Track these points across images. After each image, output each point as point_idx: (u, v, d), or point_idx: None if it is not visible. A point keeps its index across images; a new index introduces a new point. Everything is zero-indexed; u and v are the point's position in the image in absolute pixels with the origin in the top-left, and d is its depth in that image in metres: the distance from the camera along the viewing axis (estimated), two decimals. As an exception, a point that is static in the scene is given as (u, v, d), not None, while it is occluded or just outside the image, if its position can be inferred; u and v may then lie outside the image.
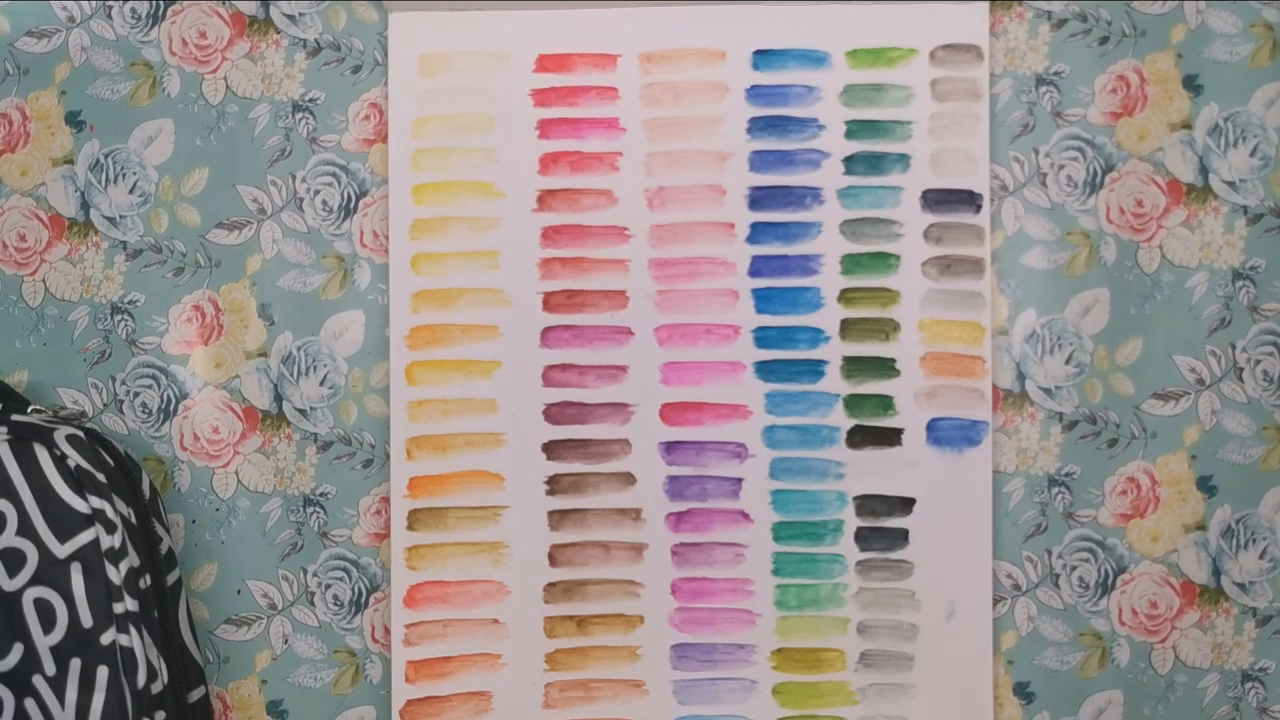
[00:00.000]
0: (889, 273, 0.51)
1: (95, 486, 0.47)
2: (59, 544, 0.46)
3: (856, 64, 0.52)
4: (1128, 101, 0.52)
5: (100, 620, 0.46)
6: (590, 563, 0.51)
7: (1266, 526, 0.51)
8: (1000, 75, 0.52)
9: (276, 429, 0.53)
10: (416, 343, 0.52)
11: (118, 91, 0.53)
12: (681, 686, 0.51)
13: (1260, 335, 0.51)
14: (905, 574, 0.51)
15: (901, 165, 0.51)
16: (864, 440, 0.51)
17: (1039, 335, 0.52)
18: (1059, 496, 0.51)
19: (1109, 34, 0.52)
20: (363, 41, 0.53)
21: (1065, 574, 0.51)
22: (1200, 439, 0.51)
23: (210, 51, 0.53)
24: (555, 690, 0.51)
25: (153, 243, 0.53)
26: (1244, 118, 0.51)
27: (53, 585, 0.46)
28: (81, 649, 0.46)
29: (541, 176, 0.52)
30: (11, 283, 0.53)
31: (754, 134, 0.51)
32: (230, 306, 0.53)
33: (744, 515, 0.51)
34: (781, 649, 0.51)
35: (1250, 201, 0.51)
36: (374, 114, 0.53)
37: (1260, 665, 0.51)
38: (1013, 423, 0.52)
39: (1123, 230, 0.52)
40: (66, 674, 0.46)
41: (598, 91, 0.52)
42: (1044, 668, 0.51)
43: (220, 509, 0.53)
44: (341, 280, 0.53)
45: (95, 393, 0.53)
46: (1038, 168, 0.52)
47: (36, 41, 0.53)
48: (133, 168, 0.53)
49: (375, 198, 0.53)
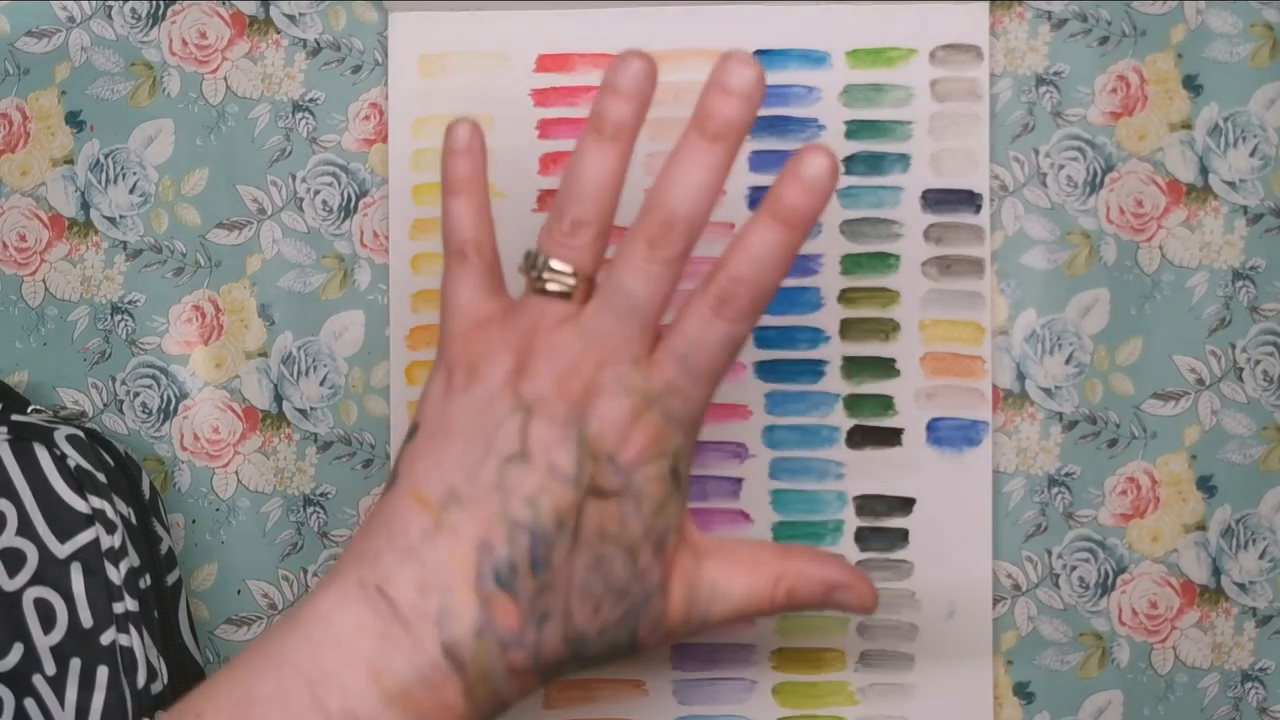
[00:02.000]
0: (889, 273, 0.51)
1: (95, 486, 0.47)
2: (59, 544, 0.46)
3: (856, 64, 0.52)
4: (1128, 101, 0.52)
5: (100, 620, 0.46)
6: (590, 563, 0.51)
7: (1266, 526, 0.51)
8: (1000, 75, 0.52)
9: (276, 429, 0.53)
10: (416, 343, 0.52)
11: (118, 91, 0.53)
12: (681, 686, 0.51)
13: (1260, 335, 0.51)
14: (905, 574, 0.51)
15: (901, 165, 0.51)
16: (864, 440, 0.51)
17: (1039, 335, 0.52)
18: (1059, 496, 0.51)
19: (1109, 34, 0.52)
20: (363, 41, 0.53)
21: (1065, 574, 0.51)
22: (1200, 439, 0.51)
23: (210, 51, 0.53)
24: (555, 690, 0.51)
25: (153, 243, 0.53)
26: (1244, 118, 0.51)
27: (53, 585, 0.46)
28: (81, 649, 0.46)
29: (541, 176, 0.52)
30: (11, 283, 0.53)
31: (754, 134, 0.51)
32: (230, 306, 0.53)
33: (744, 515, 0.52)
34: (781, 649, 0.51)
35: (1250, 201, 0.51)
36: (374, 114, 0.53)
37: (1260, 665, 0.51)
38: (1013, 423, 0.52)
39: (1123, 230, 0.52)
40: (66, 674, 0.46)
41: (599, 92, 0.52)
42: (1044, 668, 0.51)
43: (220, 509, 0.53)
44: (341, 280, 0.53)
45: (95, 393, 0.53)
46: (1038, 168, 0.52)
47: (36, 41, 0.53)
48: (133, 168, 0.53)
49: (375, 198, 0.53)
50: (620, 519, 0.35)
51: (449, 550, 0.35)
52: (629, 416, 0.35)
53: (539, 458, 0.35)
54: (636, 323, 0.36)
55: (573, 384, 0.35)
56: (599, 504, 0.35)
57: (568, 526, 0.35)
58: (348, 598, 0.35)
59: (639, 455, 0.36)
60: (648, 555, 0.36)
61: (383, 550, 0.35)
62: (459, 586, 0.34)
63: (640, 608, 0.36)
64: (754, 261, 0.36)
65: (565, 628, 0.35)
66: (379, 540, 0.35)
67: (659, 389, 0.36)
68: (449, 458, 0.35)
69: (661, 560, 0.36)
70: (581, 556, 0.35)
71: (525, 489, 0.35)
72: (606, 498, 0.35)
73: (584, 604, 0.35)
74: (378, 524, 0.36)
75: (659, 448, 0.36)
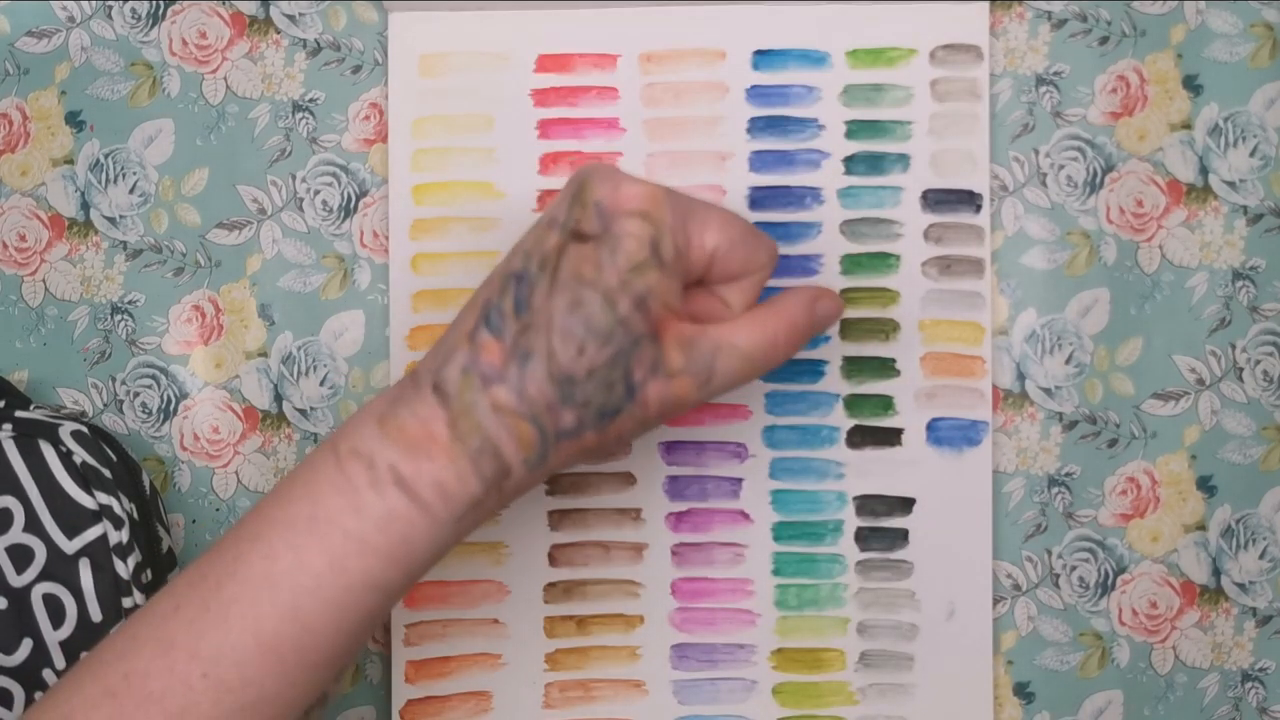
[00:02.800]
0: (889, 273, 0.51)
1: (102, 482, 0.47)
2: (67, 540, 0.46)
3: (856, 64, 0.51)
4: (1128, 101, 0.52)
5: (110, 615, 0.46)
6: (590, 563, 0.51)
7: (1266, 526, 0.51)
8: (1000, 75, 0.52)
9: (277, 429, 0.53)
10: (416, 343, 0.52)
11: (118, 91, 0.53)
12: (681, 686, 0.51)
13: (1260, 335, 0.51)
14: (905, 574, 0.51)
15: (901, 165, 0.51)
16: (864, 440, 0.51)
17: (1039, 335, 0.52)
18: (1059, 496, 0.51)
19: (1109, 34, 0.52)
20: (363, 41, 0.53)
21: (1065, 574, 0.51)
22: (1200, 439, 0.51)
23: (210, 51, 0.53)
24: (555, 690, 0.51)
25: (153, 243, 0.53)
26: (1244, 118, 0.51)
27: (61, 581, 0.46)
28: (91, 643, 0.46)
29: (541, 176, 0.52)
30: (11, 283, 0.53)
31: (754, 134, 0.51)
32: (230, 306, 0.53)
33: (744, 515, 0.51)
34: (781, 649, 0.51)
35: (1250, 201, 0.51)
36: (374, 114, 0.53)
37: (1260, 665, 0.51)
38: (1013, 423, 0.52)
39: (1123, 230, 0.52)
40: None
41: (598, 92, 0.52)
42: (1044, 668, 0.51)
43: (220, 509, 0.53)
44: (341, 280, 0.53)
45: (95, 393, 0.53)
46: (1038, 168, 0.52)
47: (36, 41, 0.53)
48: (133, 168, 0.53)
49: (375, 198, 0.53)
50: (596, 264, 0.38)
51: (464, 316, 0.39)
52: (629, 179, 0.39)
53: (548, 215, 0.39)
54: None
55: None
56: (578, 247, 0.38)
57: (548, 267, 0.38)
58: (402, 384, 0.39)
59: (623, 205, 0.38)
60: (627, 306, 0.38)
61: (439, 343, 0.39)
62: (460, 341, 0.38)
63: (630, 350, 0.38)
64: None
65: (549, 365, 0.37)
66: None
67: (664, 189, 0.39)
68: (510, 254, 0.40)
69: (645, 315, 0.38)
70: (560, 298, 0.37)
71: (526, 244, 0.39)
72: (585, 241, 0.38)
73: (567, 344, 0.37)
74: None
75: (645, 209, 0.38)
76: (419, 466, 0.37)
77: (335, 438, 0.38)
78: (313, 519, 0.37)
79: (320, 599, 0.36)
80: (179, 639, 0.37)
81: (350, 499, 0.37)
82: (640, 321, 0.38)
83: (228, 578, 0.37)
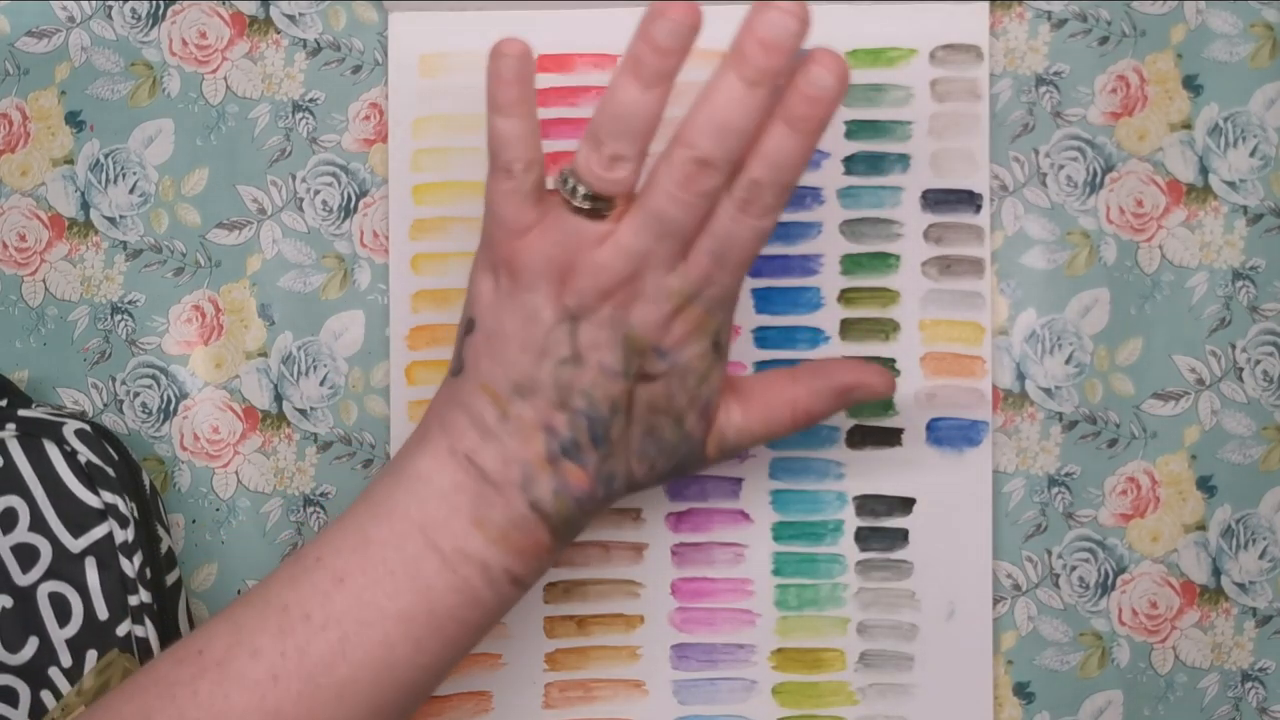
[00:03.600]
0: (889, 273, 0.51)
1: (106, 481, 0.47)
2: (72, 539, 0.46)
3: (856, 64, 0.51)
4: (1128, 101, 0.52)
5: (116, 612, 0.46)
6: (590, 563, 0.51)
7: (1266, 526, 0.51)
8: (1000, 75, 0.52)
9: (276, 429, 0.53)
10: (416, 343, 0.52)
11: (118, 91, 0.53)
12: (681, 686, 0.51)
13: (1260, 335, 0.51)
14: (905, 574, 0.51)
15: (901, 165, 0.51)
16: (864, 440, 0.51)
17: (1039, 335, 0.52)
18: (1059, 496, 0.51)
19: (1109, 34, 0.52)
20: (363, 41, 0.53)
21: (1065, 574, 0.51)
22: (1200, 439, 0.51)
23: (210, 51, 0.53)
24: (555, 690, 0.51)
25: (153, 243, 0.53)
26: (1244, 118, 0.51)
27: (67, 580, 0.46)
28: (97, 641, 0.46)
29: (541, 176, 0.52)
30: (11, 283, 0.53)
31: (754, 134, 0.51)
32: (230, 306, 0.53)
33: (744, 515, 0.52)
34: (781, 649, 0.51)
35: (1250, 201, 0.51)
36: (374, 114, 0.53)
37: (1260, 665, 0.51)
38: (1013, 423, 0.52)
39: (1123, 230, 0.52)
40: (83, 666, 0.46)
41: (598, 92, 0.52)
42: (1044, 668, 0.51)
43: (220, 509, 0.53)
44: (342, 280, 0.53)
45: (95, 393, 0.53)
46: (1038, 168, 0.52)
47: (36, 41, 0.53)
48: (133, 168, 0.53)
49: (375, 198, 0.53)
50: (668, 395, 0.40)
51: (520, 434, 0.39)
52: (669, 315, 0.39)
53: (589, 358, 0.39)
54: (674, 241, 0.38)
55: (615, 295, 0.39)
56: (648, 386, 0.40)
57: (621, 408, 0.39)
58: (443, 461, 0.39)
59: (681, 340, 0.40)
60: (694, 418, 0.41)
61: (465, 427, 0.39)
62: (534, 460, 0.39)
63: (686, 458, 0.42)
64: (773, 166, 0.38)
65: (628, 482, 0.41)
66: (459, 417, 0.40)
67: (696, 285, 0.39)
68: (508, 357, 0.39)
69: (705, 419, 0.41)
70: (637, 429, 0.40)
71: (580, 384, 0.39)
72: (654, 380, 0.40)
73: (641, 463, 0.41)
74: (454, 404, 0.40)
75: (700, 331, 0.40)
76: (529, 566, 0.40)
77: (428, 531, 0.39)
78: (431, 614, 0.39)
79: (433, 674, 0.41)
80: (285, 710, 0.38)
81: (467, 596, 0.39)
82: (700, 427, 0.41)
83: (339, 658, 0.38)
